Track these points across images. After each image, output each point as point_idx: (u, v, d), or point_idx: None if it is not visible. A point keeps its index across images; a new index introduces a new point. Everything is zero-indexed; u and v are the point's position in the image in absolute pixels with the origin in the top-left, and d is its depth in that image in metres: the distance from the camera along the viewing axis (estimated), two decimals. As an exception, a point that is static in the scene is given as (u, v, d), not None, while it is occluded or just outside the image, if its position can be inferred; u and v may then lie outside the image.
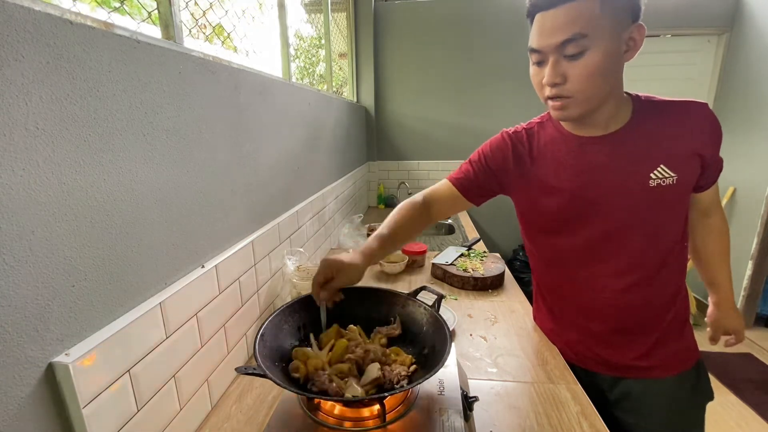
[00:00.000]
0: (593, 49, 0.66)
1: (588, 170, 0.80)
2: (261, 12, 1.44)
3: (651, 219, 0.79)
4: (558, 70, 0.69)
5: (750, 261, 2.43)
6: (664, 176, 0.76)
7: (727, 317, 0.96)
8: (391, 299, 0.82)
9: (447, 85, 2.85)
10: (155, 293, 0.67)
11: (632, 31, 0.68)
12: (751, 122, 2.43)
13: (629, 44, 0.69)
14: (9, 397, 0.44)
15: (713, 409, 1.85)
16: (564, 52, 0.67)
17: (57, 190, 0.48)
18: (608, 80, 0.70)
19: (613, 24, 0.66)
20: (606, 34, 0.65)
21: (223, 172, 0.88)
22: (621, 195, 0.78)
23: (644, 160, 0.77)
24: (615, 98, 0.76)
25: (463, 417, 0.62)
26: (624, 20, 0.67)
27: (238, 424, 0.79)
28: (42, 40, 0.46)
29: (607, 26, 0.65)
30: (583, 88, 0.70)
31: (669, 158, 0.76)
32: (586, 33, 0.65)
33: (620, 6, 0.66)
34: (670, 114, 0.77)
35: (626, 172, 0.78)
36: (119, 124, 0.58)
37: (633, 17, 0.68)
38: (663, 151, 0.76)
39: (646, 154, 0.77)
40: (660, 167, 0.76)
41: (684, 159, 0.76)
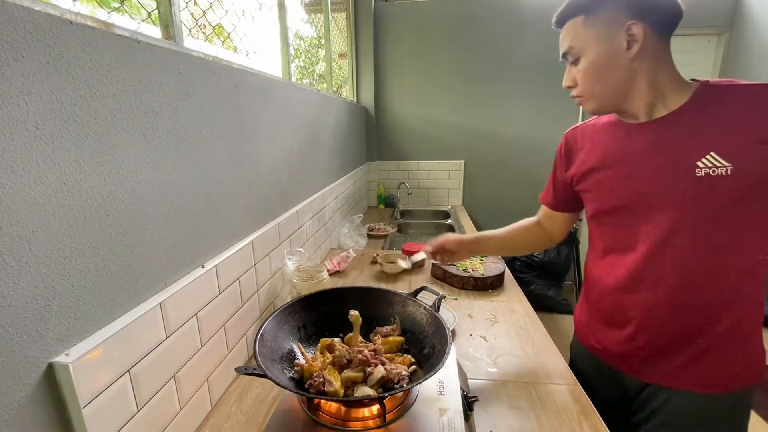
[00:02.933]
0: (585, 55, 0.76)
1: (631, 157, 0.78)
2: (261, 12, 1.44)
3: (701, 215, 0.70)
4: (570, 76, 0.81)
5: (750, 261, 2.43)
6: (714, 165, 0.68)
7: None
8: (391, 299, 0.82)
9: (447, 85, 2.85)
10: (155, 293, 0.67)
11: (629, 29, 0.71)
12: (751, 122, 2.43)
13: (629, 40, 0.72)
14: (9, 397, 0.44)
15: (713, 409, 1.85)
16: (569, 61, 0.80)
17: (57, 190, 0.48)
18: (610, 75, 0.75)
19: (600, 30, 0.73)
20: (593, 41, 0.74)
21: (223, 172, 0.88)
22: (664, 185, 0.73)
23: (692, 146, 0.70)
24: (647, 86, 0.75)
25: (463, 417, 0.62)
26: (616, 23, 0.72)
27: (238, 424, 0.79)
28: (42, 40, 0.46)
29: (594, 34, 0.74)
30: (586, 87, 0.78)
31: (722, 145, 0.68)
32: (573, 45, 0.76)
33: (605, 14, 0.73)
34: (735, 97, 0.70)
35: (670, 160, 0.72)
36: (119, 124, 0.58)
37: (630, 16, 0.71)
38: (716, 137, 0.69)
39: (694, 140, 0.70)
40: (710, 155, 0.68)
41: (743, 147, 0.67)
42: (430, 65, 2.83)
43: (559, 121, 2.70)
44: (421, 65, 2.84)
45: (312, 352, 0.75)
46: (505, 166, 2.94)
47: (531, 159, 2.88)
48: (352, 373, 0.66)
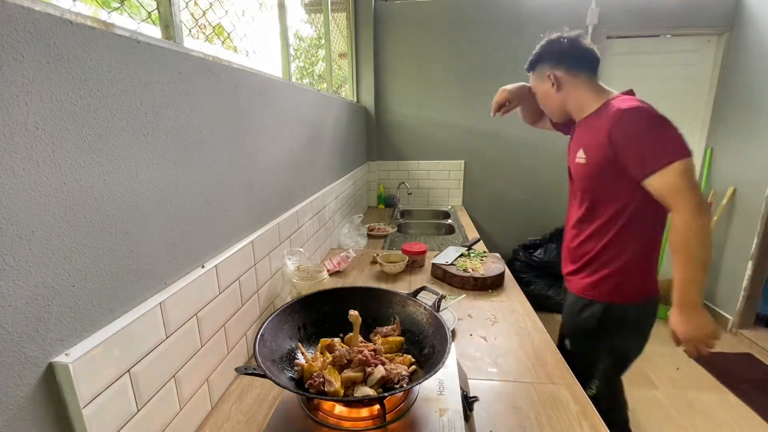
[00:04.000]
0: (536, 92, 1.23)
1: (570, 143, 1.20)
2: (261, 12, 1.44)
3: (576, 189, 1.16)
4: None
5: (750, 261, 2.43)
6: (581, 157, 1.09)
7: (681, 318, 0.95)
8: (391, 299, 0.82)
9: (447, 85, 2.85)
10: (155, 293, 0.67)
11: (549, 76, 1.14)
12: (751, 122, 2.43)
13: (554, 82, 1.14)
14: (9, 397, 0.44)
15: (713, 409, 1.85)
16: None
17: (57, 190, 0.48)
18: (551, 102, 1.19)
19: (539, 79, 1.19)
20: (537, 86, 1.21)
21: (223, 172, 0.88)
22: (571, 165, 1.16)
23: (577, 143, 1.12)
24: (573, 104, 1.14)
25: (463, 417, 0.62)
26: (543, 71, 1.16)
27: (238, 424, 0.79)
28: (42, 40, 0.46)
29: (536, 81, 1.21)
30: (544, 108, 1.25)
31: (585, 145, 1.08)
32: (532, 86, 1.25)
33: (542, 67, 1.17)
34: (601, 113, 1.05)
35: (572, 149, 1.16)
36: (119, 124, 0.58)
37: (549, 68, 1.14)
38: (585, 140, 1.08)
39: (578, 139, 1.12)
40: (580, 150, 1.10)
41: (594, 148, 1.04)
42: (430, 65, 2.83)
43: (559, 121, 2.69)
44: (422, 65, 2.84)
45: (312, 352, 0.75)
46: (505, 166, 2.94)
47: (531, 159, 2.88)
48: (352, 373, 0.66)
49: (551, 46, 1.13)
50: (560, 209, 2.88)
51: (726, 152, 2.63)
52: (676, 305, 0.95)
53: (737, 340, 2.48)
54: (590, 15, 2.60)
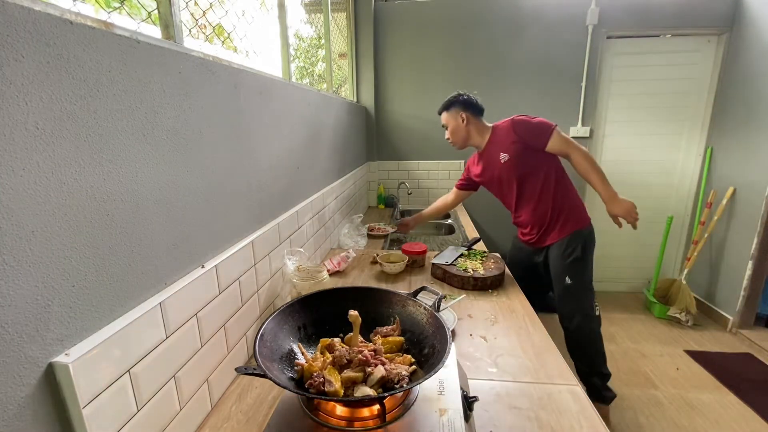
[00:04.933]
0: (449, 126, 1.77)
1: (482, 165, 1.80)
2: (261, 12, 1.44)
3: (511, 178, 1.69)
4: (447, 133, 1.80)
5: (750, 261, 2.43)
6: (504, 157, 1.65)
7: (612, 206, 1.53)
8: (391, 299, 0.82)
9: (447, 85, 2.84)
10: (155, 293, 0.67)
11: (462, 115, 1.72)
12: (751, 122, 2.43)
13: (463, 120, 1.72)
14: (9, 397, 0.44)
15: (713, 408, 1.85)
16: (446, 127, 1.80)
17: (57, 190, 0.48)
18: (459, 135, 1.75)
19: (453, 116, 1.74)
20: (451, 121, 1.76)
21: (223, 172, 0.88)
22: (497, 171, 1.71)
23: (496, 153, 1.68)
24: (476, 136, 1.75)
25: (463, 417, 0.62)
26: (458, 112, 1.73)
27: (238, 424, 0.79)
28: (42, 40, 0.46)
29: (451, 118, 1.75)
30: (453, 138, 1.79)
31: (503, 148, 1.65)
32: (445, 122, 1.78)
33: (455, 109, 1.74)
34: (500, 130, 1.69)
35: (493, 160, 1.70)
36: (119, 124, 0.58)
37: (463, 109, 1.73)
38: (500, 146, 1.66)
39: (495, 151, 1.68)
40: (501, 154, 1.66)
41: (509, 146, 1.63)
42: (430, 65, 2.83)
43: (557, 120, 2.68)
44: (421, 65, 2.84)
45: (312, 352, 0.75)
46: (505, 166, 2.94)
47: (531, 159, 2.87)
48: (352, 373, 0.66)
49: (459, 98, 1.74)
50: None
51: (726, 152, 2.63)
52: (608, 199, 1.54)
53: (737, 340, 2.48)
54: (590, 15, 2.60)
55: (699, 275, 2.83)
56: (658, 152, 2.84)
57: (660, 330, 2.60)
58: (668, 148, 2.84)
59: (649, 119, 2.79)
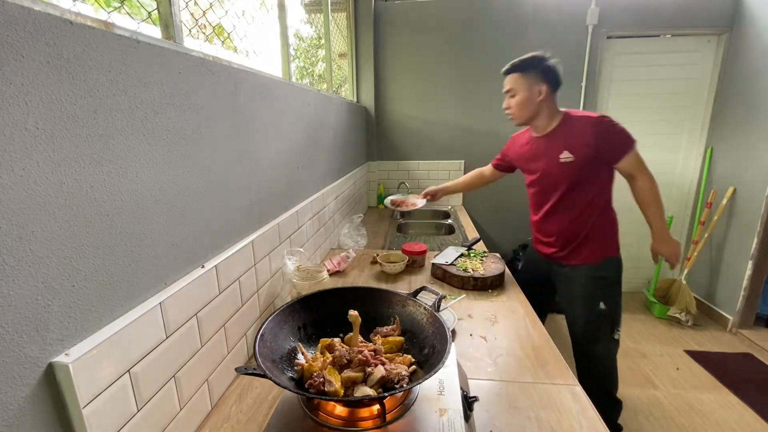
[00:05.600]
0: (518, 95, 1.41)
1: (534, 152, 1.50)
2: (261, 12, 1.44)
3: (561, 181, 1.42)
4: (507, 102, 1.46)
5: (750, 261, 2.43)
6: (567, 157, 1.37)
7: (659, 244, 1.39)
8: (391, 299, 0.82)
9: (447, 85, 2.85)
10: (155, 293, 0.67)
11: (540, 87, 1.37)
12: (751, 122, 2.43)
13: (539, 93, 1.37)
14: (9, 397, 0.44)
15: (713, 408, 1.85)
16: (508, 95, 1.45)
17: (57, 190, 0.48)
18: (529, 109, 1.41)
19: (527, 84, 1.38)
20: (523, 89, 1.39)
21: (223, 171, 0.88)
22: (549, 167, 1.44)
23: (558, 147, 1.39)
24: (543, 117, 1.42)
25: (463, 417, 0.62)
26: (535, 83, 1.37)
27: (238, 424, 0.79)
28: (42, 40, 0.46)
29: (524, 85, 1.39)
30: (515, 111, 1.44)
31: (570, 147, 1.36)
32: (513, 87, 1.41)
33: (534, 78, 1.37)
34: (575, 123, 1.38)
35: (551, 153, 1.42)
36: (119, 124, 0.58)
37: (543, 81, 1.36)
38: (567, 143, 1.37)
39: (559, 144, 1.39)
40: (565, 152, 1.37)
41: (578, 148, 1.35)
42: (430, 65, 2.83)
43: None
44: (421, 65, 2.84)
45: (312, 352, 0.75)
46: (505, 166, 2.94)
47: (531, 159, 2.87)
48: (352, 373, 0.66)
49: (542, 62, 1.36)
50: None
51: (726, 152, 2.63)
52: (659, 236, 1.38)
53: (737, 340, 2.48)
54: (590, 15, 2.60)
55: (699, 275, 2.83)
56: (658, 152, 2.84)
57: (660, 330, 2.60)
58: (668, 148, 2.84)
59: (649, 119, 2.78)
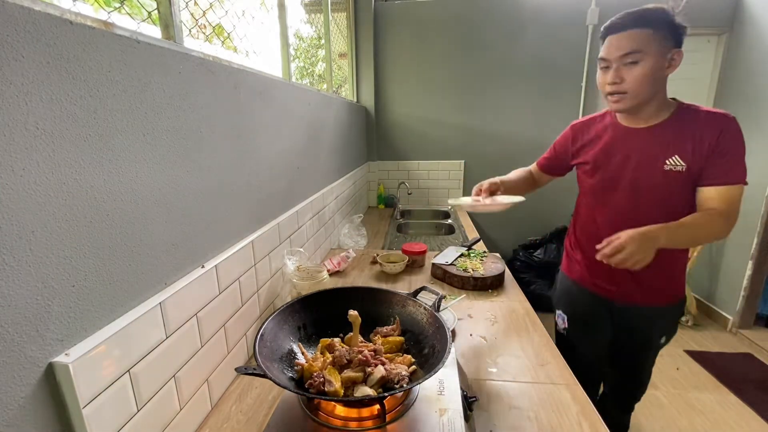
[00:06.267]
0: (644, 61, 0.93)
1: (625, 150, 1.06)
2: (261, 11, 1.44)
3: (662, 195, 1.02)
4: (618, 74, 0.97)
5: (750, 261, 2.43)
6: (675, 164, 0.99)
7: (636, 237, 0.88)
8: (391, 299, 0.82)
9: (447, 85, 2.85)
10: (155, 293, 0.67)
11: (674, 53, 0.94)
12: (751, 122, 2.43)
13: (671, 62, 0.94)
14: (9, 397, 0.44)
15: (713, 408, 1.85)
16: (624, 61, 0.95)
17: (57, 190, 0.48)
18: (653, 84, 0.95)
19: (660, 47, 0.92)
20: (654, 52, 0.92)
21: (223, 172, 0.88)
22: (642, 173, 1.04)
23: (664, 149, 1.00)
24: (657, 101, 1.00)
25: (463, 417, 0.62)
26: (668, 45, 0.93)
27: (238, 424, 0.79)
28: (42, 40, 0.46)
29: (655, 47, 0.92)
30: (635, 87, 0.95)
31: (684, 151, 0.98)
32: (641, 49, 0.92)
33: (665, 35, 0.92)
34: (699, 119, 0.98)
35: (650, 156, 1.02)
36: (119, 124, 0.58)
37: (675, 44, 0.93)
38: (681, 145, 0.98)
39: (667, 145, 1.00)
40: (674, 156, 0.99)
41: (696, 155, 0.97)
42: (430, 65, 2.83)
43: (558, 120, 2.69)
44: (421, 65, 2.84)
45: (312, 352, 0.75)
46: (504, 166, 2.91)
47: (531, 159, 2.84)
48: (352, 373, 0.66)
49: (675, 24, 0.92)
50: (560, 209, 2.88)
51: (726, 152, 2.62)
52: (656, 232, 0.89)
53: (737, 340, 2.48)
54: (590, 15, 2.60)
55: (699, 275, 2.82)
56: (658, 152, 2.84)
57: (660, 330, 2.60)
58: (668, 148, 2.84)
59: (649, 119, 2.78)
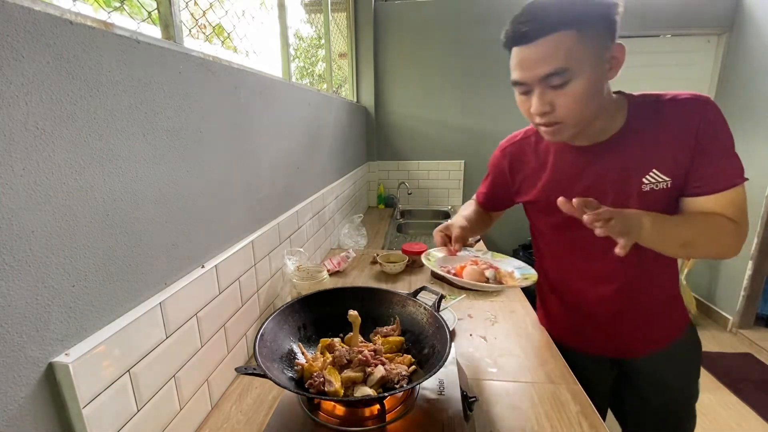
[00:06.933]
0: (577, 78, 0.66)
1: (584, 178, 0.82)
2: (262, 11, 1.44)
3: None
4: (545, 100, 0.70)
5: (750, 261, 2.43)
6: (656, 180, 0.76)
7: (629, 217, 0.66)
8: (391, 299, 0.82)
9: (447, 85, 2.85)
10: (155, 293, 0.67)
11: (613, 51, 0.68)
12: (751, 122, 2.43)
13: (611, 63, 0.69)
14: (9, 397, 0.44)
15: (713, 408, 1.85)
16: (549, 83, 0.68)
17: (57, 190, 0.48)
18: (595, 100, 0.70)
19: (593, 51, 0.66)
20: (588, 62, 0.66)
21: (223, 172, 0.88)
22: (614, 202, 0.77)
23: (637, 165, 0.77)
24: (605, 111, 0.76)
25: (463, 417, 0.62)
26: (603, 44, 0.67)
27: (238, 425, 0.79)
28: (42, 40, 0.46)
29: (588, 54, 0.65)
30: (573, 114, 0.70)
31: (662, 162, 0.75)
32: (567, 66, 0.65)
33: (597, 33, 0.66)
34: (664, 114, 0.75)
35: (620, 179, 0.78)
36: (119, 124, 0.58)
37: (611, 38, 0.68)
38: (656, 155, 0.75)
39: (639, 159, 0.76)
40: (653, 172, 0.76)
41: (678, 161, 0.74)
42: (430, 65, 2.83)
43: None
44: (421, 65, 2.84)
45: (312, 352, 0.75)
46: (505, 166, 2.94)
47: (531, 159, 2.88)
48: (352, 373, 0.66)
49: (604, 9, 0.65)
50: (560, 209, 2.88)
51: (726, 152, 2.63)
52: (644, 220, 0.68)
53: (737, 340, 2.48)
54: (590, 15, 2.60)
55: (699, 275, 2.83)
56: (658, 152, 2.84)
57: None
58: (668, 148, 2.84)
59: (649, 119, 2.78)
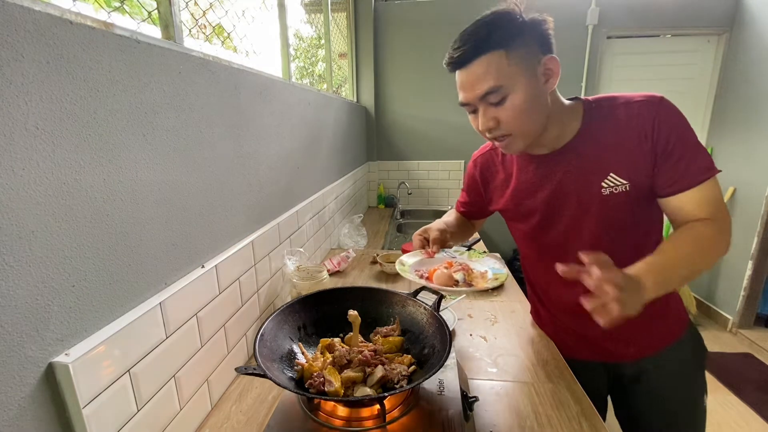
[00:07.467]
0: (513, 93, 0.70)
1: (547, 185, 0.84)
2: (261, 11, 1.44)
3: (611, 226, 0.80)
4: (488, 116, 0.74)
5: (750, 261, 2.43)
6: (615, 184, 0.76)
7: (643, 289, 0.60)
8: (391, 299, 0.82)
9: (447, 85, 2.84)
10: (155, 293, 0.67)
11: (545, 64, 0.72)
12: (751, 122, 2.43)
13: (547, 74, 0.73)
14: (9, 397, 0.44)
15: (713, 409, 1.85)
16: (488, 101, 0.73)
17: (57, 190, 0.48)
18: (538, 111, 0.74)
19: (524, 67, 0.70)
20: (520, 78, 0.70)
21: (223, 172, 0.88)
22: (577, 207, 0.81)
23: (595, 169, 0.78)
24: (556, 118, 0.78)
25: (463, 417, 0.62)
26: (534, 59, 0.71)
27: (238, 424, 0.79)
28: (42, 40, 0.46)
29: (519, 71, 0.69)
30: (516, 125, 0.74)
31: (619, 165, 0.76)
32: (501, 84, 0.70)
33: (527, 50, 0.70)
34: (618, 117, 0.76)
35: (579, 184, 0.80)
36: (119, 124, 0.58)
37: (543, 51, 0.72)
38: (612, 159, 0.76)
39: (596, 163, 0.77)
40: (610, 176, 0.76)
41: (639, 166, 0.74)
42: (430, 65, 2.83)
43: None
44: (421, 65, 2.84)
45: (312, 352, 0.75)
46: (505, 166, 2.94)
47: (531, 159, 2.88)
48: (352, 373, 0.66)
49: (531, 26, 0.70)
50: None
51: (726, 152, 2.63)
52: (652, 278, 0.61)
53: (737, 340, 2.48)
54: (590, 15, 2.60)
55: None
56: (658, 152, 2.84)
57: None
58: (668, 148, 2.84)
59: (649, 119, 2.79)
